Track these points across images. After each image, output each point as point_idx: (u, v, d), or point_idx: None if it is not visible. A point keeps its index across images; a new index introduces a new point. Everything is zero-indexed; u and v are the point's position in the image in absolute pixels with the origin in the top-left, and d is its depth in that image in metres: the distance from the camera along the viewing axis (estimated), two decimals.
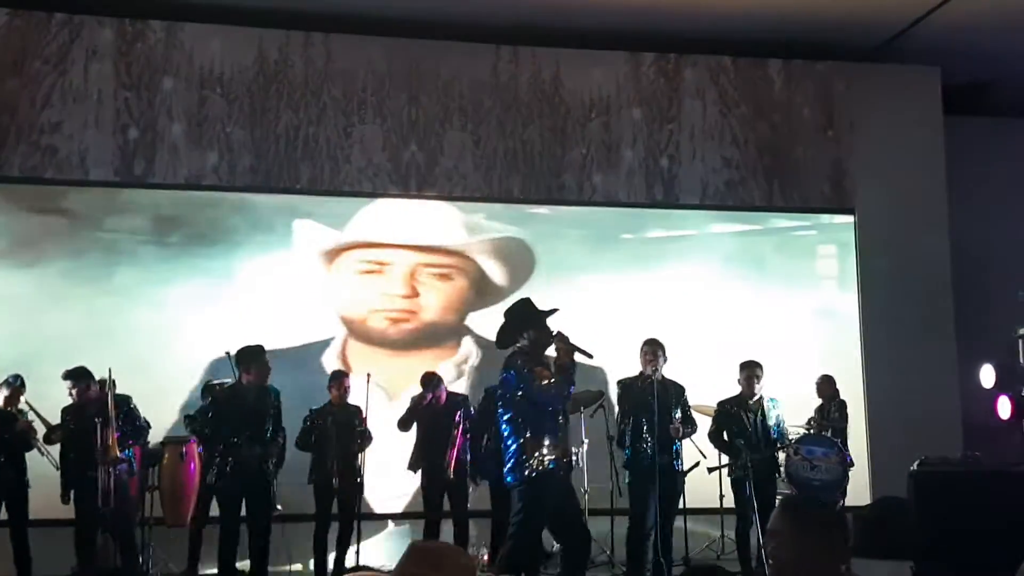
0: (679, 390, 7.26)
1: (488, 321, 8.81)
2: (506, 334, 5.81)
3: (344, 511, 7.55)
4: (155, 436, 7.73)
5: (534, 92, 9.90)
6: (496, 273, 9.67)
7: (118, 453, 6.91)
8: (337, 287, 9.42)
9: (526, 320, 5.77)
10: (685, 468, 7.41)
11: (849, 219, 10.26)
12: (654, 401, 6.90)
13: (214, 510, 7.71)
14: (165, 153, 9.18)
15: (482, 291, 9.61)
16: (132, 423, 7.02)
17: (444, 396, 7.82)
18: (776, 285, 10.02)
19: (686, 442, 7.43)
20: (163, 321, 8.91)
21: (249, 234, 9.29)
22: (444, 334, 9.54)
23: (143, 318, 8.88)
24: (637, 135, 10.04)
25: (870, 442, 9.62)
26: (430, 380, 7.87)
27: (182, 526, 7.88)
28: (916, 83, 10.46)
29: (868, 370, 9.94)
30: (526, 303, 5.90)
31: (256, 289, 9.13)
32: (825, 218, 10.36)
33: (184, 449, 7.67)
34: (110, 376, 6.98)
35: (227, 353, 7.84)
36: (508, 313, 5.90)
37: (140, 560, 7.20)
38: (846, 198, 10.27)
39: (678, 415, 7.07)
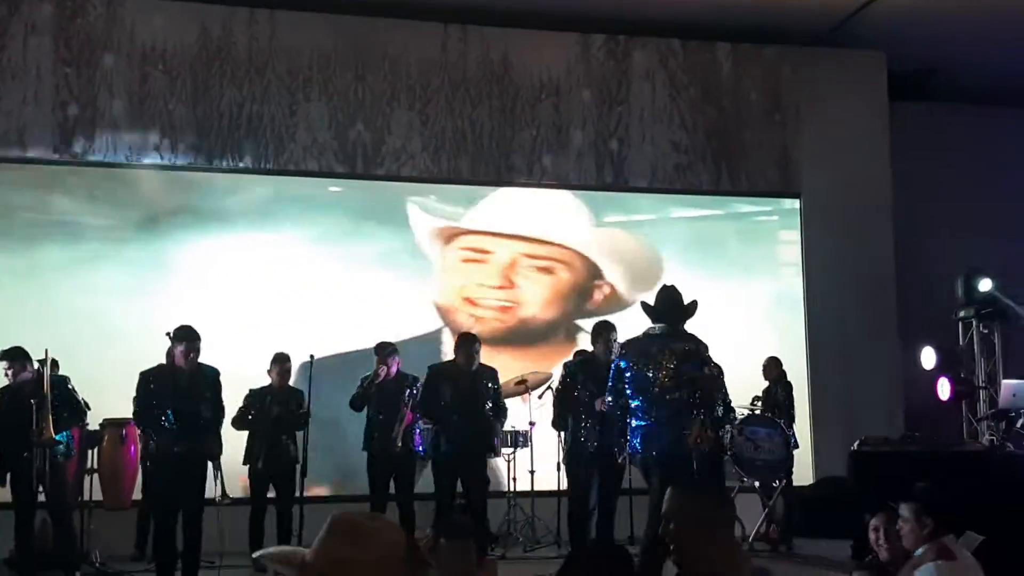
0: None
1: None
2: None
3: (280, 496, 7.47)
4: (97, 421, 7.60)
5: (483, 72, 9.84)
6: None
7: (53, 435, 6.76)
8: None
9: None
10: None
11: (796, 203, 10.33)
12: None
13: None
14: (106, 130, 8.99)
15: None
16: (70, 404, 6.87)
17: (396, 369, 7.68)
18: (728, 269, 10.07)
19: None
20: (103, 303, 8.73)
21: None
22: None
23: (81, 299, 8.69)
24: (587, 117, 10.02)
25: (813, 423, 9.72)
26: (384, 349, 7.72)
27: (122, 509, 7.79)
28: (862, 68, 10.55)
29: (811, 352, 10.05)
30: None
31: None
32: (786, 203, 10.42)
33: (124, 431, 7.55)
34: (47, 357, 6.81)
35: (168, 335, 7.75)
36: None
37: (79, 543, 7.04)
38: (792, 182, 10.35)
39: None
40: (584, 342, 8.61)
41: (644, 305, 6.13)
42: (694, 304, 6.05)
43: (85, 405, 7.10)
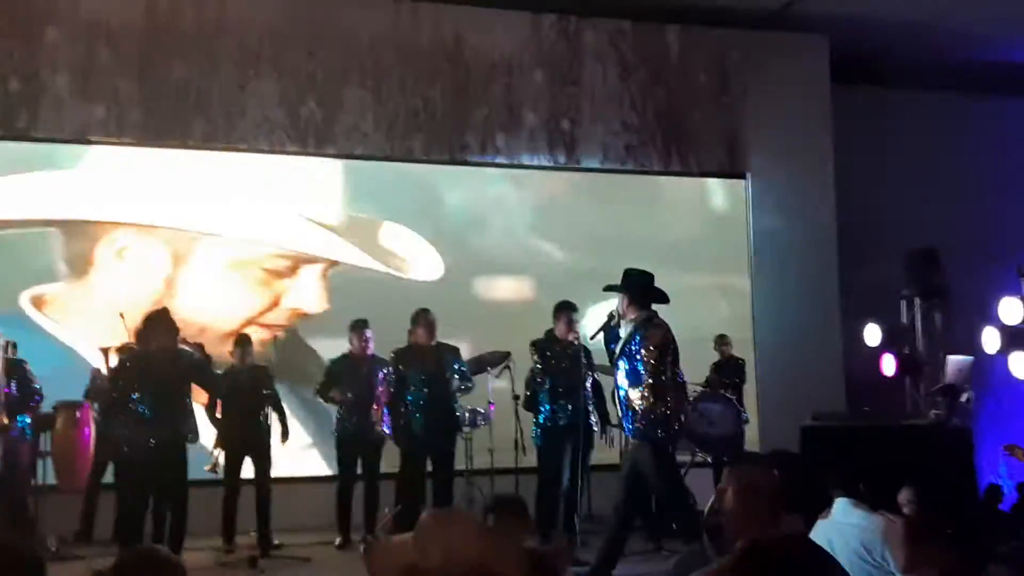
0: (584, 350, 7.35)
1: None
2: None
3: (257, 476, 7.43)
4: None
5: (436, 50, 9.79)
6: None
7: (5, 419, 6.61)
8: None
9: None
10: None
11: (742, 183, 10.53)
12: (583, 364, 7.04)
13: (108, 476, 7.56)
14: (49, 106, 8.73)
15: None
16: (25, 388, 6.71)
17: (370, 346, 7.68)
18: (674, 246, 10.22)
19: None
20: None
21: None
22: None
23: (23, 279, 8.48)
24: (539, 97, 10.05)
25: (759, 398, 9.94)
26: (358, 324, 7.70)
27: (77, 492, 7.64)
28: (806, 51, 10.77)
29: (757, 328, 10.27)
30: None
31: None
32: (733, 183, 10.57)
33: (78, 414, 7.40)
34: (5, 342, 6.64)
35: (121, 315, 7.60)
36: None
37: (35, 528, 6.90)
38: (739, 163, 10.53)
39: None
40: None
41: (656, 291, 6.14)
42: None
43: (39, 389, 6.94)
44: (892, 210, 10.65)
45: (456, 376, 7.26)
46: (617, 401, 6.06)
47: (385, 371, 7.61)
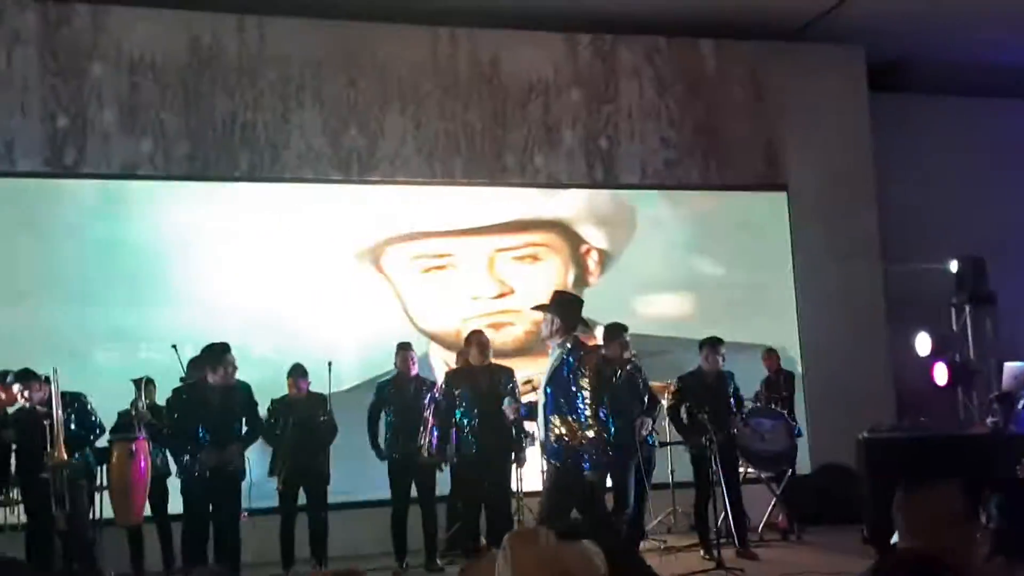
0: (638, 370, 7.36)
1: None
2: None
3: (311, 503, 7.46)
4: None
5: (473, 74, 9.86)
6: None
7: (64, 455, 6.68)
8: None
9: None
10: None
11: (783, 195, 10.49)
12: (637, 383, 7.15)
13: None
14: (97, 141, 8.86)
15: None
16: (85, 421, 6.78)
17: (414, 367, 7.74)
18: (719, 261, 10.21)
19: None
20: (108, 316, 8.62)
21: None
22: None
23: (80, 314, 8.57)
24: (576, 116, 10.09)
25: (808, 412, 9.88)
26: (403, 345, 7.79)
27: (133, 524, 7.70)
28: (842, 61, 10.76)
29: (804, 341, 10.21)
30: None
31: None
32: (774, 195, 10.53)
33: (133, 446, 7.44)
34: (55, 375, 6.72)
35: (173, 347, 7.68)
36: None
37: (96, 561, 6.96)
38: (779, 175, 10.51)
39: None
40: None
41: (582, 317, 5.97)
42: None
43: (99, 422, 7.01)
44: (934, 217, 10.59)
45: (508, 397, 7.24)
46: (543, 426, 5.85)
47: (432, 392, 7.66)
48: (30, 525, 6.83)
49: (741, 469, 8.41)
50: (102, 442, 7.39)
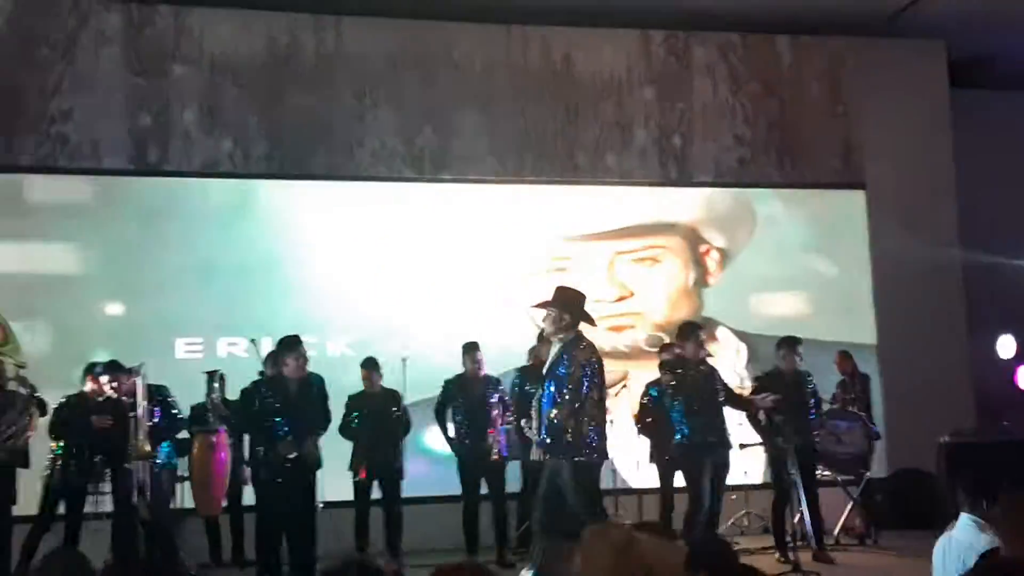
0: (714, 370, 7.30)
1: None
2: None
3: (385, 497, 7.55)
4: None
5: (546, 72, 9.87)
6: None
7: (148, 447, 6.84)
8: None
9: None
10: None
11: (860, 193, 10.31)
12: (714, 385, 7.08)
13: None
14: (178, 140, 9.05)
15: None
16: (168, 414, 6.94)
17: (483, 367, 7.79)
18: (795, 259, 10.09)
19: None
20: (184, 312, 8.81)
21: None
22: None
23: (158, 309, 8.77)
24: (649, 114, 10.04)
25: (885, 415, 9.70)
26: (470, 345, 7.85)
27: (213, 515, 7.87)
28: (922, 57, 10.53)
29: (881, 342, 10.03)
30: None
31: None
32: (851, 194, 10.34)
33: (214, 439, 7.60)
34: (142, 368, 6.89)
35: (252, 340, 7.84)
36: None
37: (178, 551, 7.12)
38: (856, 173, 10.34)
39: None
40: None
41: (586, 312, 6.02)
42: None
43: (182, 414, 7.18)
44: (1017, 216, 10.31)
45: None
46: (539, 420, 5.92)
47: (500, 393, 7.72)
48: (115, 514, 7.00)
49: (817, 471, 8.30)
50: (182, 434, 7.58)
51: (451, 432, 7.79)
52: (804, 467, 7.36)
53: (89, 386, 7.26)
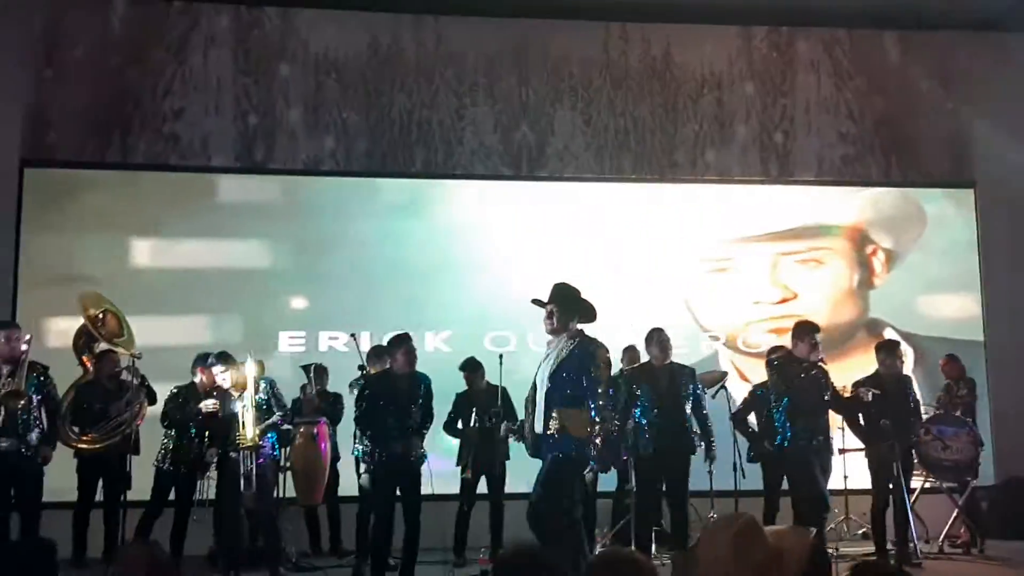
0: (824, 372, 7.15)
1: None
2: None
3: (491, 492, 7.67)
4: None
5: (644, 69, 9.82)
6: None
7: (255, 437, 7.02)
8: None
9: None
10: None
11: (970, 192, 9.99)
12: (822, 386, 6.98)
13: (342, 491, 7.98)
14: (284, 138, 9.28)
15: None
16: (274, 406, 7.13)
17: None
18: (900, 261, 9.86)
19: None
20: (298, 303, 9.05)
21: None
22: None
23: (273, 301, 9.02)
24: (750, 110, 9.91)
25: (993, 419, 9.39)
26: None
27: (314, 505, 8.06)
28: None
29: (990, 347, 9.70)
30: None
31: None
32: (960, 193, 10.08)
33: (316, 430, 7.78)
34: (251, 359, 7.09)
35: (352, 336, 7.99)
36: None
37: (280, 539, 7.31)
38: (966, 171, 10.02)
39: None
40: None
41: (588, 307, 5.71)
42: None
43: (288, 406, 7.36)
44: None
45: (690, 397, 7.17)
46: (541, 420, 5.59)
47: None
48: (219, 502, 7.22)
49: (920, 478, 8.10)
50: (285, 426, 7.76)
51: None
52: (903, 471, 7.19)
53: (199, 377, 7.51)
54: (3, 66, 8.82)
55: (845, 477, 8.31)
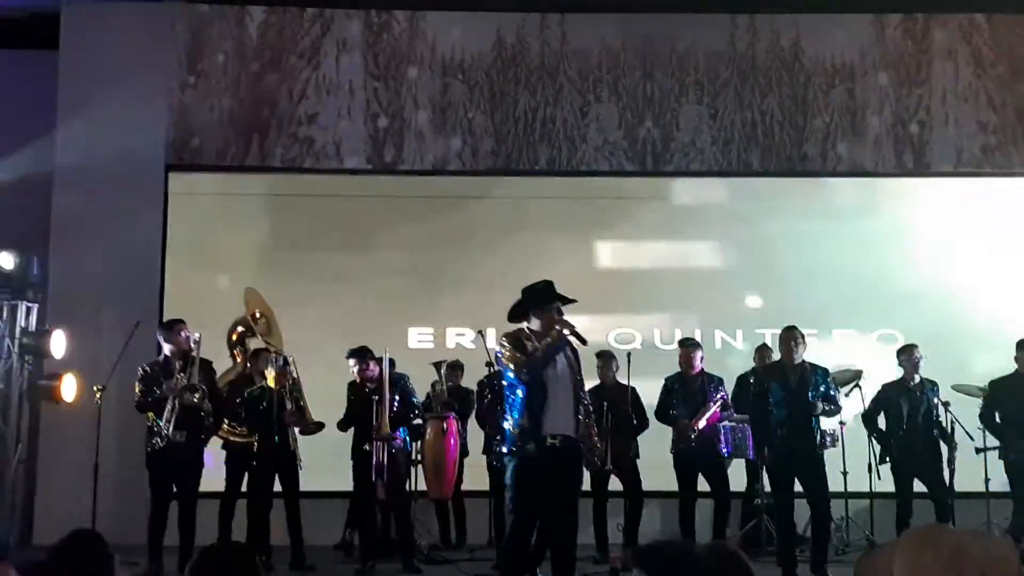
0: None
1: None
2: (514, 311, 5.77)
3: (625, 488, 7.74)
4: None
5: (772, 60, 9.65)
6: None
7: (389, 430, 7.21)
8: None
9: (536, 301, 5.68)
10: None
11: None
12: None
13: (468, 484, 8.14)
14: (412, 140, 9.49)
15: None
16: (407, 401, 7.32)
17: (697, 364, 7.80)
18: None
19: None
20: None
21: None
22: None
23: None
24: (884, 101, 9.63)
25: None
26: (688, 342, 7.91)
27: (444, 499, 8.22)
28: None
29: None
30: (548, 285, 5.74)
31: None
32: None
33: (445, 424, 7.94)
34: (387, 355, 7.29)
35: (479, 332, 8.12)
36: (525, 291, 5.78)
37: (412, 530, 7.49)
38: None
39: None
40: None
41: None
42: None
43: (419, 402, 7.55)
44: None
45: (821, 398, 7.01)
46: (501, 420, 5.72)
47: (721, 391, 7.67)
48: (354, 494, 7.44)
49: None
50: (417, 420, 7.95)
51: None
52: None
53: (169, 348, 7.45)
54: (149, 75, 9.27)
55: (987, 479, 8.01)
